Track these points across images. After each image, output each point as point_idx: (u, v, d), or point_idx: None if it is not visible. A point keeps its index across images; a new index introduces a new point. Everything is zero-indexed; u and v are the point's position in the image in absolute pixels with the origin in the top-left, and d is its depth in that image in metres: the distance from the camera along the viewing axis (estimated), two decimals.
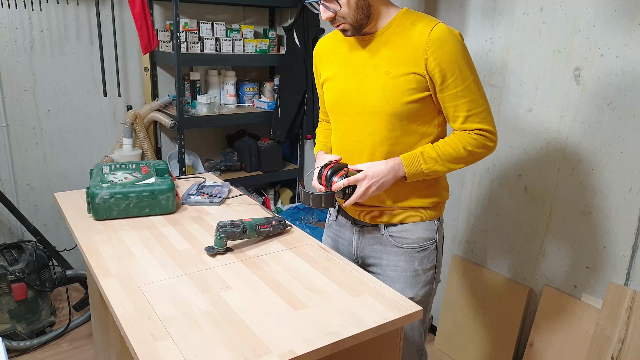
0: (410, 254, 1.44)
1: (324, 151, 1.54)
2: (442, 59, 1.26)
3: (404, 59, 1.30)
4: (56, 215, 2.83)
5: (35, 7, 2.53)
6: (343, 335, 1.04)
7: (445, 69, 1.27)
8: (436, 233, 1.46)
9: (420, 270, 1.45)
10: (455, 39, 1.27)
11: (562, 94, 1.89)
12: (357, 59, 1.38)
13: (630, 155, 1.73)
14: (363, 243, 1.51)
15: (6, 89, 2.56)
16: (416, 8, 2.35)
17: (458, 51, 1.27)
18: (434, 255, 1.47)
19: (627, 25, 1.68)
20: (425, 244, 1.44)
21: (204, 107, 2.79)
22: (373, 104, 1.34)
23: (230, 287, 1.21)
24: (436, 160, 1.33)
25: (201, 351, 0.98)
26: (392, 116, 1.33)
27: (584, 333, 1.90)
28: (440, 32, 1.26)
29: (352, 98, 1.39)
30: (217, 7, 3.03)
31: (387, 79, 1.32)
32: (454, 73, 1.27)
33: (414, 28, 1.29)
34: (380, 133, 1.36)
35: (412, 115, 1.33)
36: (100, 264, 1.29)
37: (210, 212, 1.68)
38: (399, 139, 1.36)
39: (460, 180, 2.33)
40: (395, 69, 1.31)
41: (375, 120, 1.35)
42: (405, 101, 1.31)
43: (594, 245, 1.88)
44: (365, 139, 1.39)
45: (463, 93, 1.29)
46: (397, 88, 1.31)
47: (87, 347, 2.39)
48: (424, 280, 1.46)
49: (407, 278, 1.45)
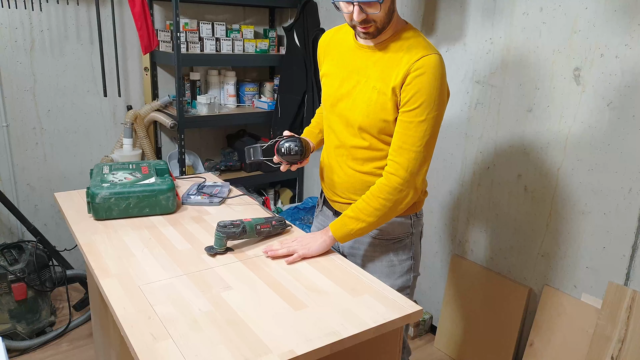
0: (385, 245, 1.51)
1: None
2: (413, 86, 1.29)
3: (390, 78, 1.34)
4: (56, 215, 2.83)
5: (35, 7, 2.53)
6: (343, 335, 1.05)
7: (410, 96, 1.30)
8: (411, 227, 1.52)
9: (395, 261, 1.51)
10: (436, 75, 1.29)
11: (562, 94, 1.89)
12: (354, 64, 1.43)
13: (630, 155, 1.73)
14: None
15: (6, 89, 2.56)
16: (416, 8, 2.35)
17: (430, 87, 1.29)
18: (409, 247, 1.53)
19: (627, 25, 1.68)
20: (401, 236, 1.51)
21: (204, 107, 2.79)
22: (355, 113, 1.40)
23: (230, 287, 1.21)
24: (356, 218, 1.38)
25: (201, 351, 0.98)
26: (370, 127, 1.39)
27: (584, 333, 1.90)
28: (426, 63, 1.29)
29: (341, 100, 1.45)
30: (217, 7, 3.03)
31: (373, 94, 1.37)
32: (414, 104, 1.30)
33: (408, 52, 1.33)
34: (360, 139, 1.42)
35: (390, 131, 1.38)
36: (100, 264, 1.29)
37: (210, 212, 1.68)
38: (378, 145, 1.42)
39: (460, 180, 2.33)
40: (381, 85, 1.35)
41: (355, 128, 1.42)
42: (383, 118, 1.36)
43: (594, 245, 1.88)
44: (349, 140, 1.45)
45: (410, 126, 1.32)
46: (379, 105, 1.36)
47: (87, 347, 2.39)
48: (400, 270, 1.52)
49: (382, 268, 1.51)
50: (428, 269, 2.54)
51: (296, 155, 1.44)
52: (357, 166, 1.46)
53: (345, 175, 1.49)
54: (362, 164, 1.45)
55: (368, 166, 1.44)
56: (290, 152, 1.43)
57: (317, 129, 1.68)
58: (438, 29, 2.28)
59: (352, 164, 1.47)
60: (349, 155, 1.46)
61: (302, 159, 1.46)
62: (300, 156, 1.45)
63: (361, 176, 1.46)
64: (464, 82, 2.21)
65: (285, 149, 1.43)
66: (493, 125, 2.14)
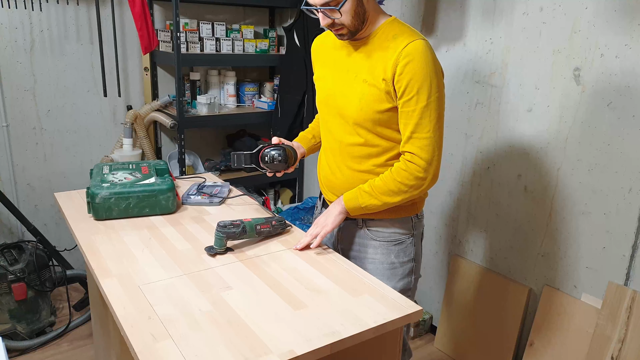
0: (386, 247, 1.51)
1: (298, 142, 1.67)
2: (405, 75, 1.30)
3: (379, 69, 1.35)
4: (56, 215, 2.83)
5: (35, 7, 2.53)
6: (343, 335, 1.05)
7: (405, 85, 1.31)
8: (412, 228, 1.52)
9: (397, 263, 1.51)
10: (425, 59, 1.30)
11: (562, 94, 1.89)
12: (343, 63, 1.45)
13: (630, 155, 1.73)
14: (343, 235, 1.58)
15: (6, 89, 2.56)
16: (416, 8, 2.35)
17: (423, 71, 1.30)
18: (410, 248, 1.52)
19: (627, 26, 1.68)
20: (402, 238, 1.51)
21: (204, 107, 2.79)
22: (350, 109, 1.41)
23: (230, 287, 1.21)
24: (370, 194, 1.40)
25: (201, 351, 0.98)
26: (365, 121, 1.40)
27: (584, 333, 1.90)
28: (413, 49, 1.30)
29: (334, 99, 1.46)
30: (217, 7, 3.03)
31: (364, 87, 1.38)
32: (411, 92, 1.31)
33: (394, 41, 1.34)
34: (356, 135, 1.43)
35: (384, 122, 1.39)
36: (100, 264, 1.29)
37: (210, 212, 1.68)
38: (373, 141, 1.43)
39: (460, 180, 2.33)
40: (371, 78, 1.36)
41: (351, 124, 1.43)
42: (377, 110, 1.37)
43: (594, 245, 1.88)
44: (345, 139, 1.46)
45: (414, 114, 1.33)
46: (371, 97, 1.36)
47: (87, 347, 2.39)
48: (401, 273, 1.52)
49: (383, 270, 1.51)
50: (428, 269, 2.54)
51: (279, 164, 1.52)
52: (355, 165, 1.46)
53: (343, 176, 1.49)
54: (359, 162, 1.45)
55: (366, 164, 1.45)
56: (273, 160, 1.51)
57: (310, 134, 1.70)
58: (438, 29, 2.28)
59: (350, 164, 1.47)
60: (346, 155, 1.47)
61: (286, 167, 1.54)
62: (285, 164, 1.53)
63: (360, 175, 1.46)
64: (464, 82, 2.21)
65: (269, 158, 1.51)
66: (493, 125, 2.14)
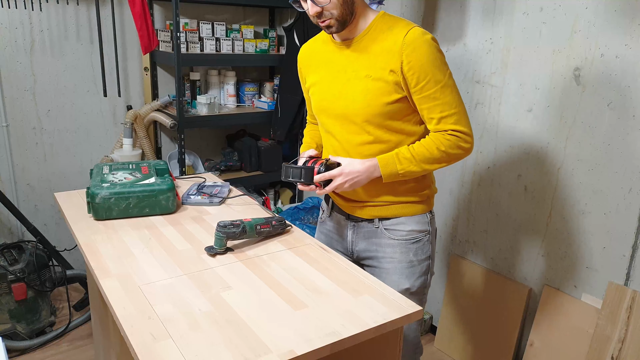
0: (405, 245, 1.49)
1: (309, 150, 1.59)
2: (415, 62, 1.30)
3: (382, 62, 1.34)
4: (56, 215, 2.83)
5: (35, 7, 2.53)
6: (343, 335, 1.04)
7: (418, 72, 1.31)
8: (429, 225, 1.52)
9: (415, 262, 1.50)
10: (428, 42, 1.31)
11: (562, 94, 1.89)
12: (338, 64, 1.43)
13: (630, 155, 1.73)
14: (358, 237, 1.55)
15: (6, 89, 2.56)
16: (416, 8, 2.35)
17: (430, 54, 1.31)
18: (427, 246, 1.52)
19: (627, 25, 1.68)
20: (419, 236, 1.50)
21: (204, 107, 2.79)
22: (355, 107, 1.39)
23: (230, 287, 1.21)
24: (410, 160, 1.37)
25: (201, 351, 0.98)
26: (374, 117, 1.38)
27: (584, 333, 1.90)
28: (414, 36, 1.31)
29: (335, 102, 1.44)
30: (217, 7, 3.03)
31: (368, 82, 1.37)
32: (427, 76, 1.31)
33: (390, 32, 1.34)
34: (365, 133, 1.42)
35: (394, 115, 1.38)
36: (100, 264, 1.29)
37: (210, 212, 1.68)
38: (383, 137, 1.41)
39: (460, 180, 2.33)
40: (374, 72, 1.36)
41: (359, 122, 1.41)
42: (386, 102, 1.36)
43: (594, 245, 1.88)
44: (352, 139, 1.44)
45: (435, 95, 1.33)
46: (377, 90, 1.36)
47: (87, 347, 2.39)
48: (419, 271, 1.51)
49: (402, 269, 1.49)
50: None
51: (328, 181, 1.39)
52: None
53: None
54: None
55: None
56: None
57: (314, 143, 1.65)
58: (438, 29, 2.28)
59: None
60: (356, 155, 1.43)
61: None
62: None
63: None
64: (464, 82, 2.21)
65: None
66: (493, 125, 2.14)
